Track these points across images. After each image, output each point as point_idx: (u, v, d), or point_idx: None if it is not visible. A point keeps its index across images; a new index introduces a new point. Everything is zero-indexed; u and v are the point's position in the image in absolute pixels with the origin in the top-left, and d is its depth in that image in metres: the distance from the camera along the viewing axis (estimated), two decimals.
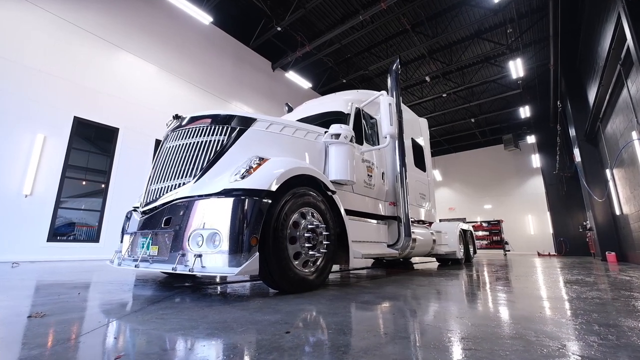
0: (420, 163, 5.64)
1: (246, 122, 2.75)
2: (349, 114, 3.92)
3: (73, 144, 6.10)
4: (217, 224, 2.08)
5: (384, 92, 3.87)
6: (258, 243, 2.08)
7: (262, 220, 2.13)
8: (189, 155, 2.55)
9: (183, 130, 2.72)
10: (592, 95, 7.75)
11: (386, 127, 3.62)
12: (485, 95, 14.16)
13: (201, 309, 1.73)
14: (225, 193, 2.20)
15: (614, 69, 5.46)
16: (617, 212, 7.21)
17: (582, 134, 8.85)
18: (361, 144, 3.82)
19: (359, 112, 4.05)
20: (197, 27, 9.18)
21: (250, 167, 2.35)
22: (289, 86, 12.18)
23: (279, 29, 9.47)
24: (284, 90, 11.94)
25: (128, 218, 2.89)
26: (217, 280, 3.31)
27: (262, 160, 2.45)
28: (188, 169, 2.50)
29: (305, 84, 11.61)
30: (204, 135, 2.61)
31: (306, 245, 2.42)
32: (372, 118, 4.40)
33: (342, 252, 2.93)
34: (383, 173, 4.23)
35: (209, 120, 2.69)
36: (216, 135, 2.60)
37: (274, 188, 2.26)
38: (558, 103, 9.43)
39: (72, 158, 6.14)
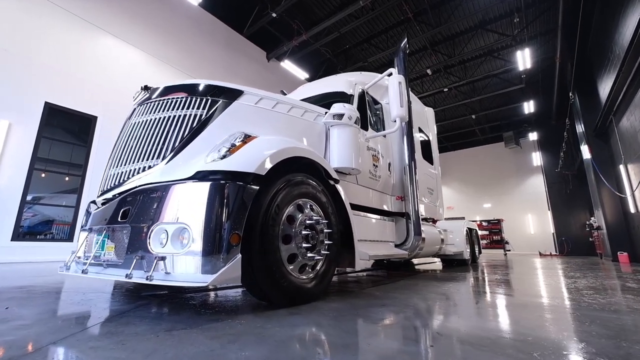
0: (427, 156, 5.18)
1: (231, 95, 2.23)
2: (352, 96, 3.43)
3: (44, 133, 5.51)
4: (186, 217, 1.58)
5: (392, 69, 3.38)
6: (241, 241, 1.58)
7: (246, 212, 1.63)
8: (159, 133, 2.03)
9: (153, 103, 2.20)
10: (604, 88, 7.35)
11: (396, 108, 3.13)
12: (487, 90, 13.76)
13: (155, 335, 1.22)
14: (200, 177, 1.70)
15: (636, 56, 5.04)
16: (632, 210, 6.83)
17: (592, 130, 8.47)
18: (365, 130, 3.34)
19: (363, 95, 3.56)
20: (186, 10, 8.60)
21: (233, 145, 1.85)
22: (285, 77, 11.64)
23: (274, 15, 8.93)
24: (280, 81, 11.39)
25: (89, 212, 2.37)
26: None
27: (248, 137, 1.95)
28: (156, 149, 1.98)
29: (301, 74, 11.09)
30: (179, 109, 2.09)
31: (304, 245, 1.93)
32: (376, 103, 3.91)
33: (346, 253, 2.45)
34: (389, 164, 3.75)
35: (186, 92, 2.17)
36: (193, 108, 2.08)
37: (263, 171, 1.76)
38: (570, 95, 9.01)
39: (44, 149, 5.56)
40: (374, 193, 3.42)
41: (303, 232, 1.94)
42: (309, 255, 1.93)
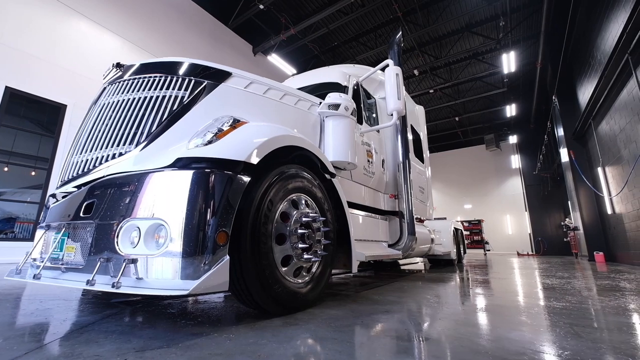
0: (418, 154, 5.09)
1: (218, 76, 1.99)
2: (346, 87, 3.25)
3: (5, 121, 4.98)
4: (163, 211, 1.33)
5: (389, 60, 3.23)
6: (229, 241, 1.35)
7: (236, 207, 1.41)
8: (132, 115, 1.75)
9: (126, 82, 1.92)
10: (584, 93, 7.58)
11: (393, 101, 2.98)
12: (471, 93, 14.02)
13: (123, 359, 0.98)
14: (181, 165, 1.45)
15: (620, 60, 5.17)
16: (609, 212, 7.06)
17: (571, 133, 8.73)
18: (360, 124, 3.17)
19: (357, 88, 3.39)
20: (171, 0, 8.14)
21: (220, 130, 1.61)
22: (271, 72, 11.32)
23: (261, 6, 8.62)
24: (266, 76, 10.89)
25: (47, 206, 2.04)
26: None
27: (238, 122, 1.71)
28: (129, 133, 1.70)
29: (289, 69, 10.82)
30: (157, 89, 1.82)
31: (300, 245, 1.72)
32: (369, 98, 3.76)
33: (340, 254, 2.26)
34: (383, 160, 3.61)
35: (166, 71, 1.91)
36: (174, 89, 1.82)
37: (255, 160, 1.54)
38: (553, 98, 9.25)
39: (8, 140, 5.04)
40: (368, 190, 3.26)
41: (299, 231, 1.73)
42: (306, 256, 1.72)
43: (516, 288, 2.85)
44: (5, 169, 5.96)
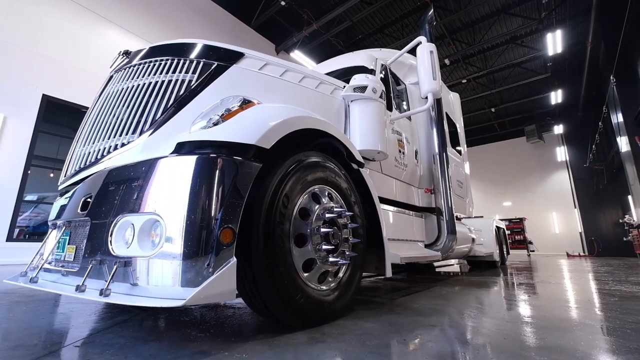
0: (455, 145, 4.62)
1: (228, 57, 1.78)
2: (373, 71, 2.94)
3: (44, 127, 5.22)
4: (159, 205, 1.12)
5: (421, 37, 2.87)
6: (235, 240, 1.11)
7: (244, 200, 1.17)
8: (136, 103, 1.59)
9: (132, 68, 1.76)
10: None
11: (427, 82, 2.63)
12: (508, 81, 12.96)
13: None
14: (182, 151, 1.24)
15: None
16: None
17: (632, 118, 7.68)
18: (389, 111, 2.84)
19: (386, 71, 3.07)
20: (192, 1, 8.26)
21: (228, 111, 1.38)
22: None
23: (282, 2, 8.49)
24: None
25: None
26: None
27: (248, 102, 1.48)
28: (133, 122, 1.53)
29: (311, 65, 10.61)
30: (162, 73, 1.65)
31: (324, 247, 1.44)
32: (399, 84, 3.41)
33: (371, 255, 1.97)
34: (416, 151, 3.25)
35: (173, 53, 1.73)
36: (181, 72, 1.63)
37: (268, 144, 1.29)
38: (612, 79, 8.20)
39: (52, 147, 5.28)
40: (400, 184, 2.92)
41: (322, 230, 1.46)
42: (332, 259, 1.45)
43: (591, 297, 2.37)
44: (51, 174, 6.31)
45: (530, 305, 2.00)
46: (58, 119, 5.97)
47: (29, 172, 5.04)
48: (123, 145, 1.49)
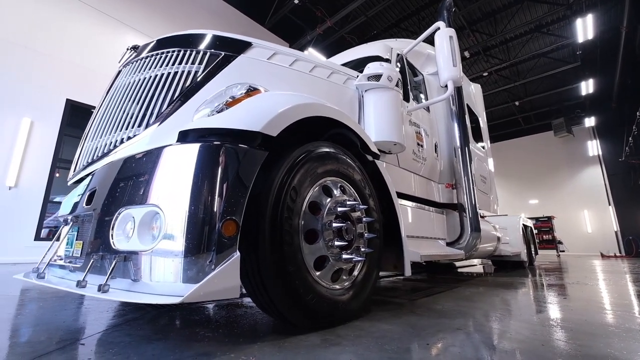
0: (478, 139, 4.39)
1: (235, 47, 1.72)
2: (389, 60, 2.80)
3: (68, 131, 5.41)
4: (159, 196, 1.06)
5: (440, 22, 2.71)
6: (239, 233, 1.03)
7: (248, 190, 1.09)
8: (143, 96, 1.55)
9: (139, 62, 1.73)
10: None
11: (447, 69, 2.47)
12: (533, 73, 12.30)
13: None
14: (185, 139, 1.18)
15: None
16: None
17: None
18: (406, 102, 2.69)
19: (402, 61, 2.93)
20: (206, 3, 8.37)
21: (233, 98, 1.31)
22: None
23: (296, 1, 8.45)
24: None
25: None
26: None
27: (254, 90, 1.41)
28: (139, 116, 1.50)
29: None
30: (168, 65, 1.60)
31: (336, 243, 1.34)
32: (416, 75, 3.26)
33: (388, 253, 1.84)
34: (436, 144, 3.08)
35: (180, 44, 1.68)
36: (187, 63, 1.58)
37: (274, 132, 1.21)
38: None
39: (67, 148, 5.47)
40: (419, 179, 2.77)
41: (334, 225, 1.36)
42: (345, 256, 1.34)
43: (634, 300, 2.13)
44: (57, 174, 6.53)
45: (567, 309, 1.81)
46: (81, 122, 6.19)
47: (57, 174, 5.24)
48: (129, 138, 1.45)
